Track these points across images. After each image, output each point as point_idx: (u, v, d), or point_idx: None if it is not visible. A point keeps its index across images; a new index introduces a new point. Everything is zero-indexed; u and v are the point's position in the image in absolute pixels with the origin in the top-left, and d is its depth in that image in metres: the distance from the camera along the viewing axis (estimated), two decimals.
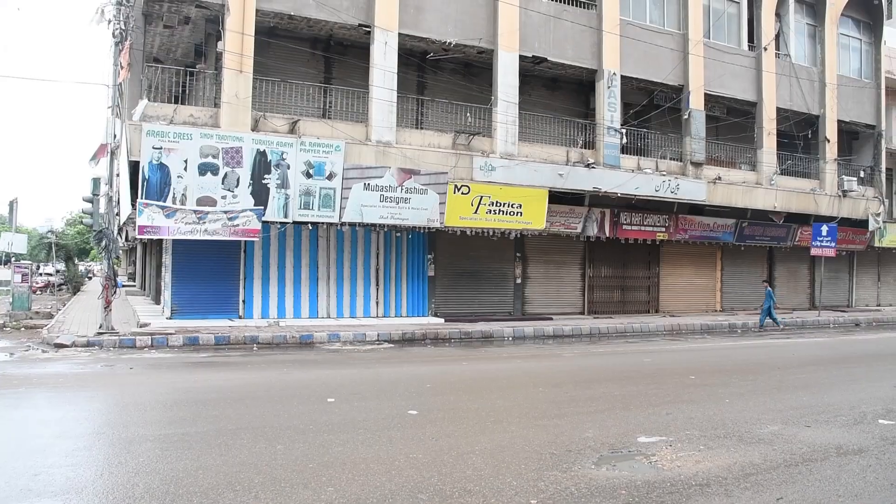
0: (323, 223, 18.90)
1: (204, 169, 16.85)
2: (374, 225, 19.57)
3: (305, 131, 18.17)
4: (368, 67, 19.21)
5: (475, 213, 19.95)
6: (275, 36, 19.35)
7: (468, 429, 7.91)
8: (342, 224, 18.99)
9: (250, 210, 17.25)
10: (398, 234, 20.67)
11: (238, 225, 17.15)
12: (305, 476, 6.02)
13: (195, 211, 16.72)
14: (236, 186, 17.16)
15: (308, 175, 17.87)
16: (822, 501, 5.79)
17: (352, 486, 5.78)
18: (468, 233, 20.78)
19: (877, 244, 30.71)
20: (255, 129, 17.71)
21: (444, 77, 21.54)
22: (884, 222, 30.39)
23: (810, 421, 8.79)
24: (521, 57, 21.14)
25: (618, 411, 9.11)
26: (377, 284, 20.54)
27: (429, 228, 20.16)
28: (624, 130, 22.98)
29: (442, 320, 20.37)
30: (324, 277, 19.84)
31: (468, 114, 20.98)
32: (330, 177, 18.09)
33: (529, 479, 6.08)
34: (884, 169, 30.97)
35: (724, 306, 27.64)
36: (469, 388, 10.95)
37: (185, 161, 16.65)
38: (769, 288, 23.50)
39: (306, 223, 18.66)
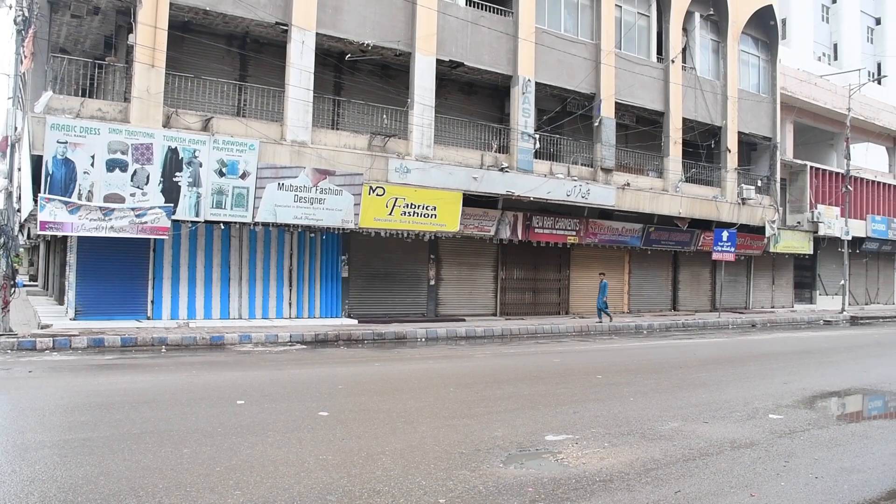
0: (236, 223, 18.60)
1: (112, 165, 16.35)
2: (287, 225, 19.39)
3: (219, 129, 17.86)
4: (285, 66, 19.02)
5: (390, 214, 20.03)
6: (189, 31, 18.96)
7: (379, 429, 8.00)
8: (255, 224, 18.73)
9: (160, 208, 16.84)
10: (312, 235, 20.55)
11: (147, 223, 16.71)
12: (212, 480, 5.99)
13: (101, 208, 16.20)
14: (146, 184, 16.73)
15: (221, 174, 17.58)
16: (717, 493, 6.14)
17: (259, 489, 5.79)
18: (383, 234, 20.85)
19: (772, 250, 32.35)
20: (166, 125, 17.29)
21: (362, 78, 21.53)
22: (778, 229, 32.03)
23: (708, 417, 9.25)
24: (438, 61, 21.35)
25: (527, 410, 9.36)
26: (290, 285, 20.36)
27: (343, 229, 20.12)
28: (537, 136, 23.47)
29: (355, 321, 20.35)
30: (236, 278, 19.54)
31: (384, 116, 21.03)
32: (243, 176, 17.84)
33: (438, 479, 6.22)
34: (779, 179, 32.63)
35: (631, 308, 28.54)
36: (381, 389, 11.03)
37: (93, 156, 16.12)
38: (604, 281, 24.17)
39: (218, 222, 18.32)
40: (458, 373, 13.21)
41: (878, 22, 55.04)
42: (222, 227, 18.86)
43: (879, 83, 45.05)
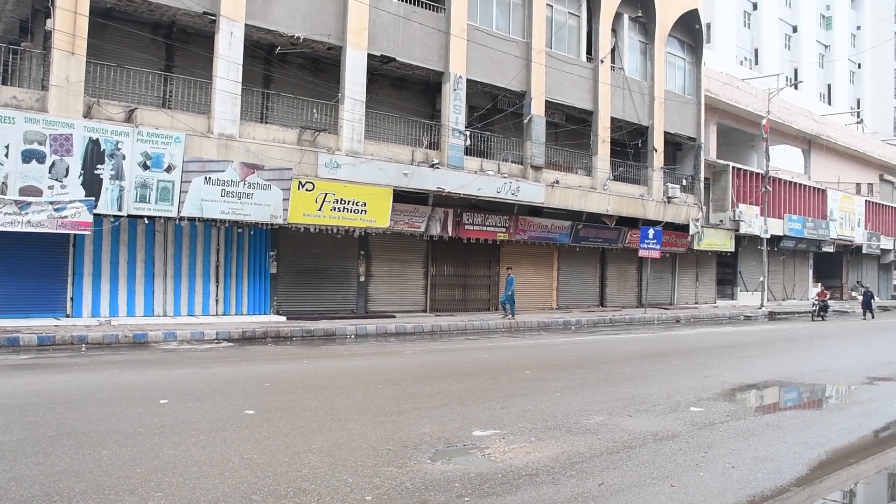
0: (160, 217, 18.11)
1: (28, 156, 15.71)
2: (214, 220, 18.98)
3: (143, 121, 17.34)
4: (213, 57, 18.60)
5: (319, 210, 19.82)
6: (112, 18, 18.37)
7: (306, 427, 7.92)
8: (181, 219, 18.29)
9: (80, 201, 16.27)
10: (240, 230, 20.16)
11: (66, 217, 16.13)
12: (132, 482, 5.83)
13: (17, 201, 15.55)
14: (65, 176, 16.14)
15: (145, 167, 17.09)
16: (639, 484, 6.30)
17: (182, 490, 5.67)
18: (312, 230, 20.62)
19: (696, 247, 33.29)
20: (87, 115, 16.69)
21: (292, 72, 21.24)
22: (702, 227, 33.00)
23: (632, 411, 9.46)
24: (369, 55, 21.21)
25: (455, 406, 9.40)
26: (217, 281, 19.95)
27: (272, 225, 19.83)
28: (468, 132, 23.56)
29: (284, 318, 20.11)
30: (160, 274, 19.03)
31: (315, 110, 20.79)
32: (169, 169, 17.39)
33: (365, 476, 6.20)
34: (702, 178, 33.63)
35: (560, 304, 28.96)
36: (309, 386, 10.93)
37: (7, 147, 15.45)
38: (511, 276, 24.05)
39: (142, 217, 17.80)
40: (386, 369, 13.19)
41: (794, 30, 57.25)
42: (146, 221, 18.33)
43: (796, 88, 46.85)
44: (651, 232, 28.19)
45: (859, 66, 64.69)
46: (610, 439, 7.84)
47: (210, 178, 17.94)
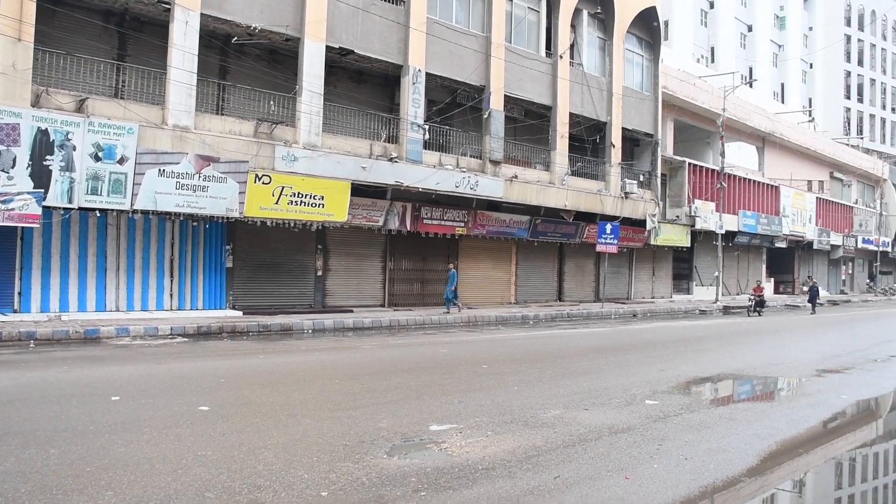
0: (113, 210, 17.73)
1: None
2: (169, 213, 18.65)
3: (95, 111, 16.95)
4: (167, 47, 18.24)
5: (276, 203, 19.61)
6: (61, 4, 17.87)
7: (261, 423, 7.83)
8: (134, 211, 17.93)
9: (28, 193, 15.85)
10: (195, 224, 19.86)
11: (14, 209, 15.70)
12: (81, 481, 5.69)
13: None
14: (12, 167, 15.69)
15: (97, 158, 16.71)
16: (594, 476, 6.35)
17: (133, 489, 5.55)
18: (269, 224, 20.38)
19: (652, 242, 33.73)
20: (35, 104, 16.24)
21: (249, 63, 20.95)
22: (658, 222, 33.44)
23: (588, 404, 9.53)
24: (328, 48, 21.01)
25: (412, 401, 9.37)
26: (172, 276, 19.62)
27: (228, 218, 19.55)
28: (427, 126, 23.51)
29: (240, 313, 19.87)
30: (113, 268, 18.65)
31: (272, 102, 20.54)
32: (121, 161, 17.02)
33: (321, 472, 6.14)
34: (659, 174, 34.09)
35: (518, 299, 29.11)
36: (265, 381, 10.79)
37: None
38: (453, 270, 23.97)
39: (94, 210, 17.40)
40: (344, 364, 13.10)
41: (750, 29, 58.32)
42: (98, 214, 17.94)
43: (751, 86, 47.79)
44: (608, 227, 28.46)
45: (811, 66, 66.16)
46: (566, 433, 7.89)
47: (164, 170, 17.61)
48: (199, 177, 18.10)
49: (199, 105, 18.85)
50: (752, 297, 31.87)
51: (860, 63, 69.81)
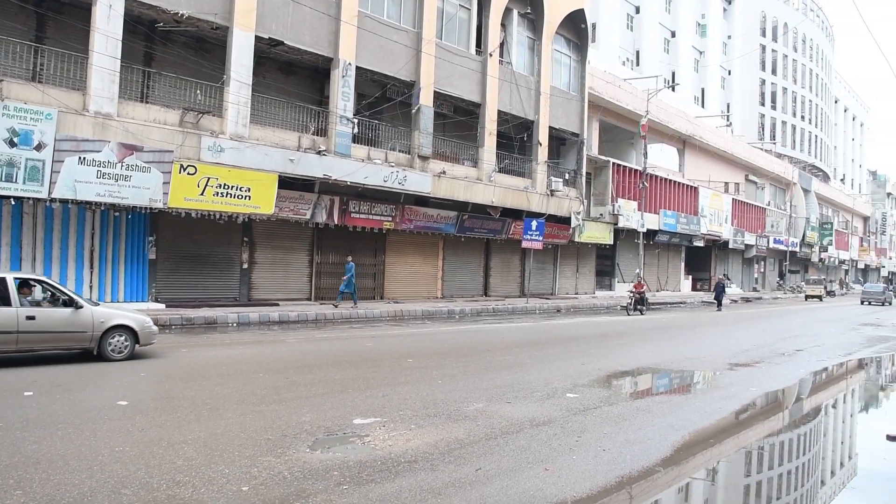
0: (29, 198, 17.05)
1: None
2: (89, 203, 18.07)
3: (10, 94, 16.27)
4: (89, 30, 17.65)
5: (202, 194, 19.25)
6: None
7: (182, 418, 7.75)
8: (52, 200, 17.30)
9: None
10: (117, 214, 19.31)
11: None
12: None
13: None
14: None
15: (12, 143, 16.06)
16: (515, 468, 6.51)
17: (45, 487, 5.44)
18: (194, 215, 19.96)
19: (577, 239, 34.40)
20: None
21: (175, 50, 20.46)
22: (583, 220, 34.14)
23: (511, 398, 9.73)
24: (257, 38, 20.68)
25: (336, 395, 9.40)
26: (91, 267, 19.03)
27: (151, 209, 19.06)
28: (356, 120, 23.41)
29: (163, 306, 19.45)
30: (28, 259, 17.97)
31: (198, 91, 20.11)
32: (39, 147, 16.41)
33: (243, 466, 6.14)
34: (584, 173, 34.78)
35: (445, 293, 29.29)
36: (186, 375, 10.64)
37: None
38: (350, 263, 23.27)
39: (8, 197, 16.72)
40: (268, 358, 12.99)
41: (673, 35, 59.92)
42: (13, 202, 17.24)
43: (673, 90, 49.00)
44: (534, 224, 28.89)
45: (730, 73, 68.45)
46: (488, 426, 8.05)
47: (85, 158, 17.07)
48: (122, 166, 17.61)
49: (122, 92, 18.31)
50: (632, 294, 29.87)
51: (774, 72, 72.69)
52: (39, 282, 11.86)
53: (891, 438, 8.82)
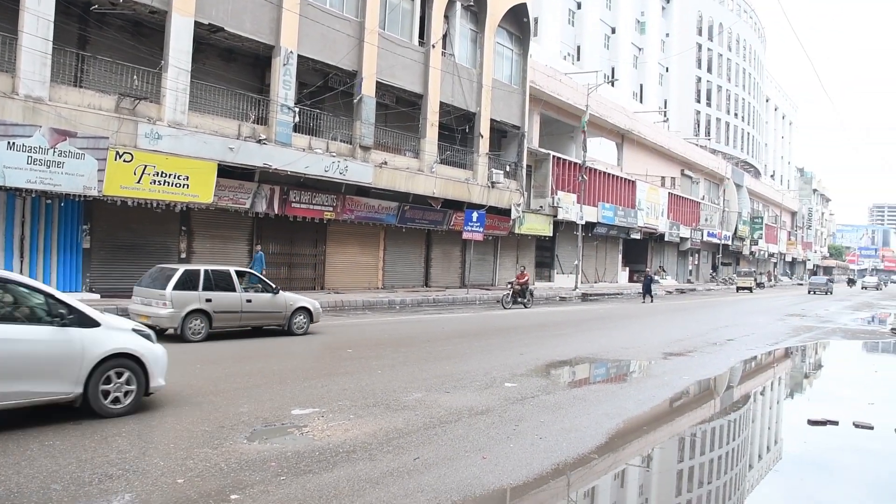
0: None
1: None
2: (19, 189, 17.46)
3: None
4: (18, 10, 17.02)
5: (138, 182, 18.82)
6: None
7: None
8: None
9: None
10: (49, 202, 18.72)
11: None
12: None
13: None
14: None
15: None
16: (452, 457, 6.61)
17: None
18: (130, 203, 19.50)
19: (517, 231, 34.74)
20: None
21: (111, 34, 19.90)
22: (523, 212, 34.49)
23: (450, 387, 9.85)
24: (196, 23, 20.25)
25: (274, 386, 9.38)
26: (22, 256, 18.40)
27: (85, 197, 18.55)
28: (297, 109, 23.18)
29: (98, 296, 18.97)
30: None
31: (135, 76, 19.61)
32: None
33: (178, 459, 6.09)
34: (525, 165, 35.14)
35: (386, 284, 29.27)
36: None
37: None
38: (259, 252, 22.31)
39: None
40: (205, 349, 12.79)
41: (613, 31, 60.83)
42: None
43: (613, 85, 49.88)
44: (475, 215, 29.08)
45: (667, 70, 69.82)
46: (427, 415, 8.14)
47: (14, 143, 16.49)
48: (54, 152, 17.08)
49: (55, 76, 17.72)
50: (511, 286, 27.27)
51: (709, 70, 74.50)
52: (249, 273, 15.63)
53: (812, 423, 9.23)
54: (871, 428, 9.03)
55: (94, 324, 7.34)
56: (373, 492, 5.58)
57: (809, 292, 56.35)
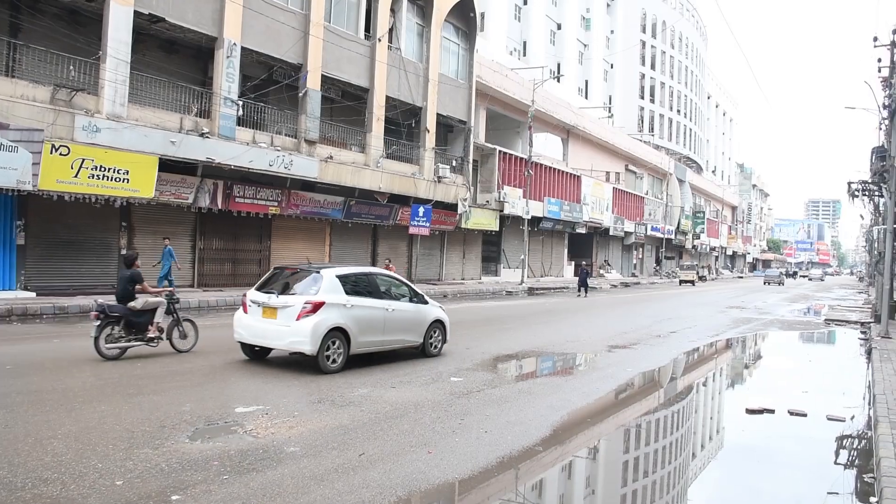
0: None
1: None
2: None
3: None
4: None
5: (76, 176, 18.30)
6: None
7: (52, 412, 7.41)
8: None
9: None
10: None
11: None
12: None
13: None
14: None
15: None
16: (398, 452, 6.62)
17: None
18: (67, 198, 18.94)
19: (463, 226, 34.87)
20: None
21: (46, 22, 19.29)
22: (469, 207, 34.62)
23: (396, 383, 9.85)
24: (136, 13, 19.74)
25: (218, 384, 9.25)
26: None
27: (19, 191, 17.95)
28: (241, 102, 22.84)
29: (33, 294, 18.42)
30: None
31: (72, 67, 19.05)
32: None
33: (117, 460, 5.96)
34: (471, 160, 35.25)
35: None
36: (58, 367, 10.10)
37: None
38: (168, 247, 20.71)
39: None
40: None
41: (559, 27, 61.41)
42: None
43: (558, 81, 50.29)
44: (421, 210, 29.08)
45: (612, 67, 70.83)
46: (372, 411, 8.13)
47: None
48: None
49: None
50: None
51: (653, 67, 75.88)
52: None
53: (750, 412, 9.51)
54: (805, 415, 9.37)
55: (426, 302, 12.58)
56: (317, 489, 5.55)
57: (765, 283, 64.03)
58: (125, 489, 5.33)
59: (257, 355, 11.23)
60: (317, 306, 10.15)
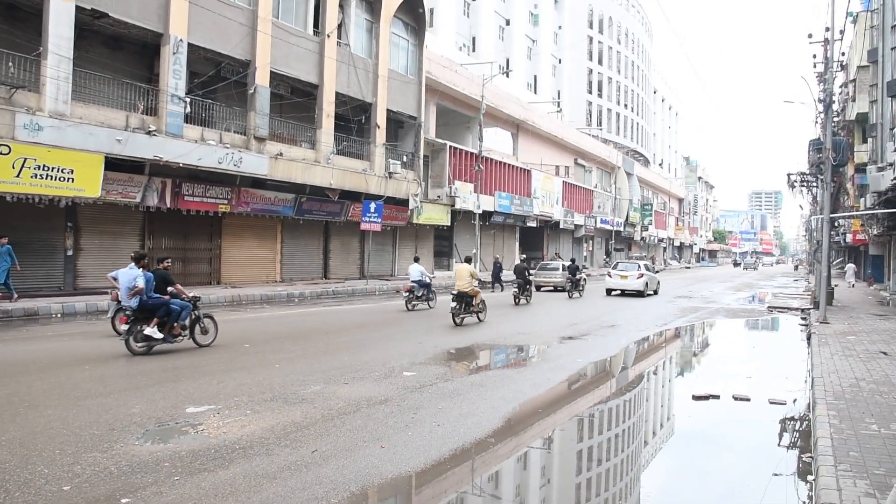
0: None
1: None
2: None
3: None
4: None
5: (17, 176, 17.87)
6: None
7: None
8: None
9: None
10: None
11: None
12: None
13: None
14: None
15: None
16: (351, 448, 6.67)
17: None
18: (9, 199, 18.48)
19: (415, 221, 34.92)
20: None
21: None
22: (421, 202, 34.68)
23: (349, 378, 9.89)
24: (78, 8, 19.33)
25: (168, 384, 9.17)
26: None
27: None
28: (189, 100, 22.53)
29: None
30: None
31: (10, 63, 18.57)
32: None
33: (64, 465, 5.90)
34: (422, 155, 35.31)
35: (284, 277, 28.90)
36: (0, 372, 9.92)
37: None
38: (5, 246, 18.12)
39: None
40: (95, 350, 12.32)
41: (508, 23, 61.73)
42: None
43: (508, 76, 50.65)
44: (373, 206, 29.03)
45: (560, 62, 71.47)
46: (326, 407, 8.17)
47: None
48: None
49: None
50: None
51: (600, 62, 76.85)
52: None
53: (696, 398, 9.81)
54: (748, 400, 9.70)
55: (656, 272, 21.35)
56: (270, 486, 5.58)
57: (744, 269, 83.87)
58: (73, 494, 5.30)
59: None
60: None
